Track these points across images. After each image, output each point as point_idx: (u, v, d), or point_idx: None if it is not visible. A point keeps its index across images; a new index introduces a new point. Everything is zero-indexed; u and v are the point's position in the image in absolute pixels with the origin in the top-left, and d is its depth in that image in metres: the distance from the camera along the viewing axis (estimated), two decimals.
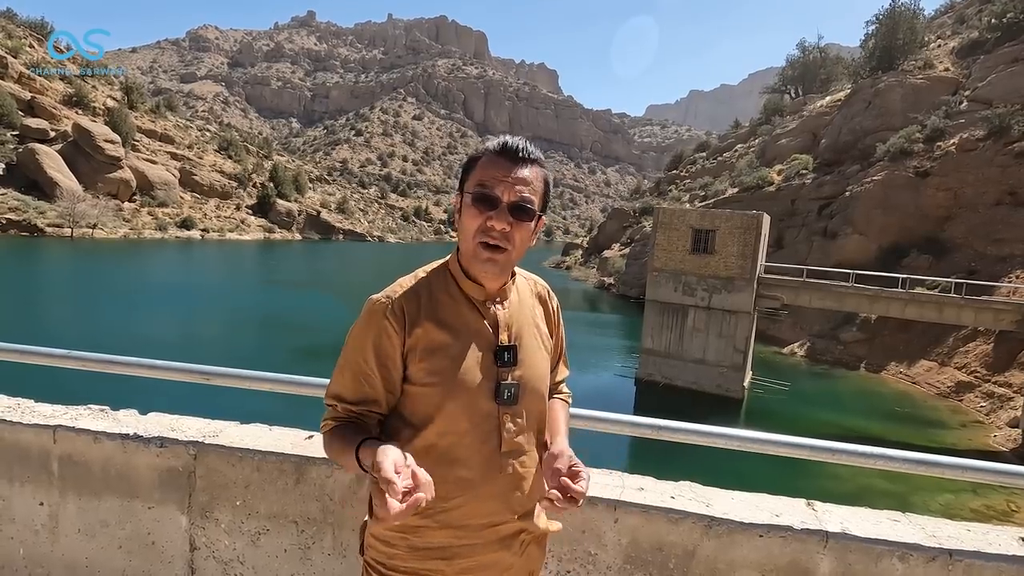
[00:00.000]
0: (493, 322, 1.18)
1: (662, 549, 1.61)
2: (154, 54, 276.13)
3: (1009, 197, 28.93)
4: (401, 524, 1.13)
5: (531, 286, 1.32)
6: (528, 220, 1.13)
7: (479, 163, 1.14)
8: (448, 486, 1.11)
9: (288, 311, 32.80)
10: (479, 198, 1.11)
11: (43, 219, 56.12)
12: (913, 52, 44.27)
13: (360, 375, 1.14)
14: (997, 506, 14.29)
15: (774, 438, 1.66)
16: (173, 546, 1.86)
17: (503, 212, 1.10)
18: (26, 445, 1.92)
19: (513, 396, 1.16)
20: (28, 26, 76.30)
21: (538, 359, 1.23)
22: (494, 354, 1.16)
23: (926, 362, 25.68)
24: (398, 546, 1.15)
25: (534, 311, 1.28)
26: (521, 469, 1.18)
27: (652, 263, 23.67)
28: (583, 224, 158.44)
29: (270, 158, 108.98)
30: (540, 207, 1.16)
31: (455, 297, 1.18)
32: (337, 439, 1.14)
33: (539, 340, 1.26)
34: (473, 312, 1.17)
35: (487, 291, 1.19)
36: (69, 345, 2.21)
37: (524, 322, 1.23)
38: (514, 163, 1.12)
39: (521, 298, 1.25)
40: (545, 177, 1.16)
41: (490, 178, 1.11)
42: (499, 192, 1.10)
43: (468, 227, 1.13)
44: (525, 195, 1.11)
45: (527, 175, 1.13)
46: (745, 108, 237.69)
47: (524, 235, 1.14)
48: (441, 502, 1.11)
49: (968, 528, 1.64)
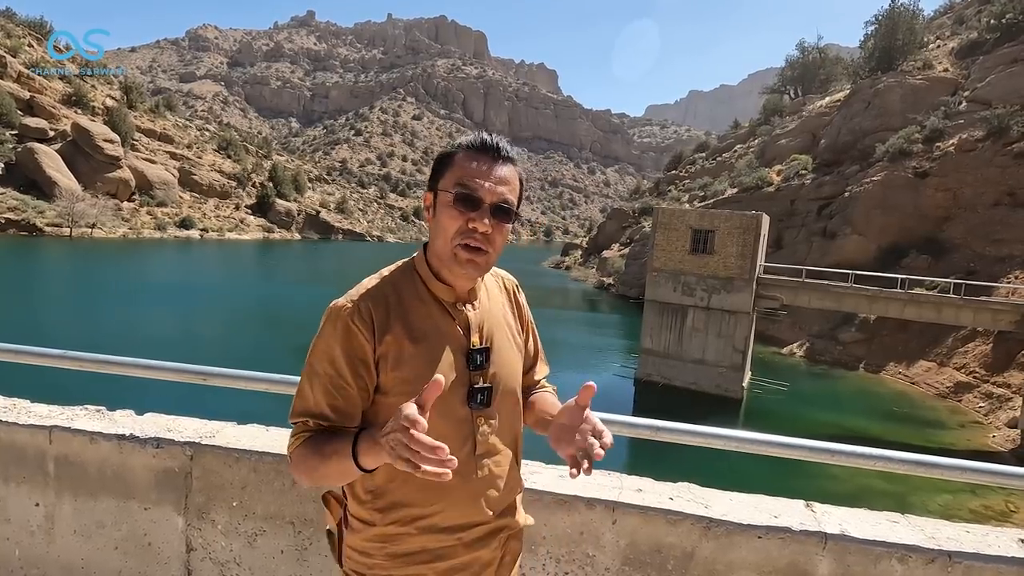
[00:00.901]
0: (464, 324, 1.14)
1: (660, 551, 1.60)
2: (153, 53, 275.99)
3: (1008, 198, 28.96)
4: (378, 533, 1.11)
5: (498, 282, 1.28)
6: (508, 221, 1.10)
7: (456, 159, 1.09)
8: (426, 492, 1.09)
9: (286, 311, 32.76)
10: (460, 198, 1.06)
11: (42, 219, 56.09)
12: (912, 53, 44.32)
13: (333, 387, 1.07)
14: (996, 507, 14.30)
15: (773, 439, 1.66)
16: (169, 547, 1.85)
17: (485, 213, 1.06)
18: (22, 445, 1.91)
19: (487, 399, 1.13)
20: (27, 25, 76.23)
21: (511, 358, 1.21)
22: (466, 357, 1.12)
23: (925, 362, 25.70)
24: (376, 555, 1.12)
25: (504, 308, 1.25)
26: (496, 469, 1.16)
27: (651, 263, 23.68)
28: (582, 224, 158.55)
29: (269, 158, 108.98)
30: (516, 206, 1.13)
31: (424, 300, 1.14)
32: (315, 446, 1.04)
33: (511, 339, 1.23)
34: (443, 315, 1.13)
35: (457, 293, 1.15)
36: (66, 345, 2.20)
37: (495, 322, 1.20)
38: (494, 161, 1.08)
39: (490, 296, 1.23)
40: (520, 175, 1.14)
41: (470, 177, 1.06)
42: (481, 193, 1.06)
43: (447, 228, 1.07)
44: (507, 196, 1.08)
45: (506, 174, 1.09)
46: (744, 108, 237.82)
47: (503, 236, 1.11)
48: (420, 508, 1.10)
49: (967, 529, 1.64)
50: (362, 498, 1.13)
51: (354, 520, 1.15)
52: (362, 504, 1.13)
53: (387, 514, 1.10)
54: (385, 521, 1.10)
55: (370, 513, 1.12)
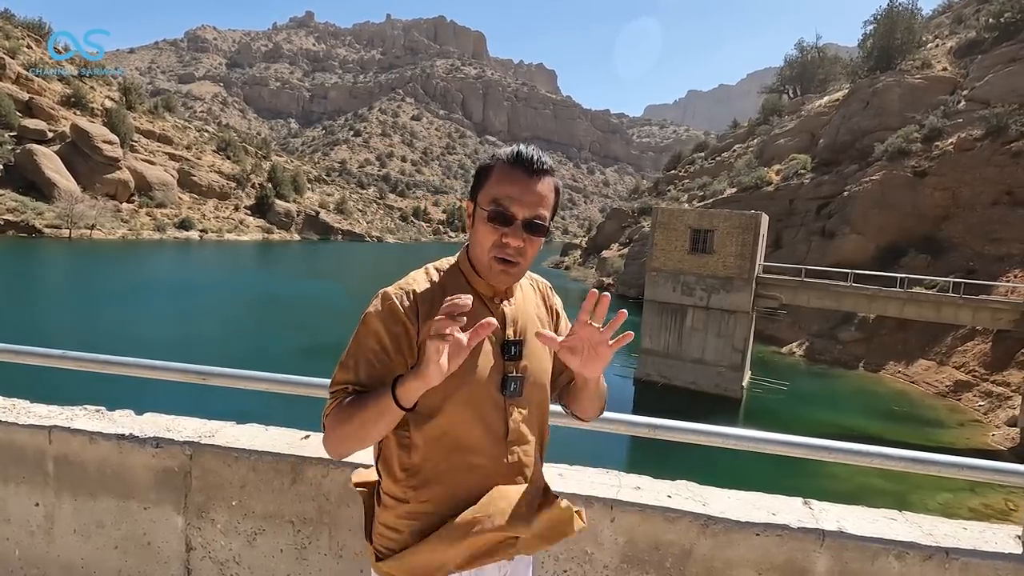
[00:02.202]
0: (500, 318, 1.22)
1: (659, 548, 1.61)
2: (152, 54, 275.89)
3: (1007, 196, 28.99)
4: (411, 511, 1.17)
5: (532, 284, 1.36)
6: (541, 235, 1.17)
7: (494, 173, 1.16)
8: (461, 473, 1.16)
9: (285, 311, 32.75)
10: (495, 216, 1.13)
11: (41, 220, 56.02)
12: (911, 52, 44.36)
13: (376, 360, 1.13)
14: (995, 505, 14.31)
15: (771, 437, 1.66)
16: (169, 547, 1.86)
17: (518, 230, 1.14)
18: (21, 446, 1.91)
19: (519, 388, 1.21)
20: (26, 26, 76.13)
21: (541, 353, 1.27)
22: (501, 348, 1.20)
23: (924, 361, 25.72)
24: (404, 532, 1.17)
25: (538, 308, 1.33)
26: (524, 457, 1.23)
27: (651, 263, 23.68)
28: (582, 224, 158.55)
29: (268, 159, 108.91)
30: (551, 218, 1.20)
31: (466, 293, 1.19)
32: (353, 402, 1.10)
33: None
34: (482, 308, 1.20)
35: (496, 289, 1.23)
36: (66, 346, 2.21)
37: (528, 318, 1.27)
38: (529, 177, 1.14)
39: (525, 296, 1.30)
40: (556, 185, 1.20)
41: (505, 196, 1.13)
42: (515, 211, 1.13)
43: (483, 241, 1.16)
44: (540, 212, 1.15)
45: (541, 190, 1.15)
46: (743, 108, 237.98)
47: (536, 248, 1.18)
48: (455, 488, 1.16)
49: (965, 527, 1.64)
50: (398, 476, 1.18)
51: (387, 497, 1.21)
52: (397, 482, 1.18)
53: (420, 491, 1.16)
54: (419, 499, 1.16)
55: (404, 491, 1.17)
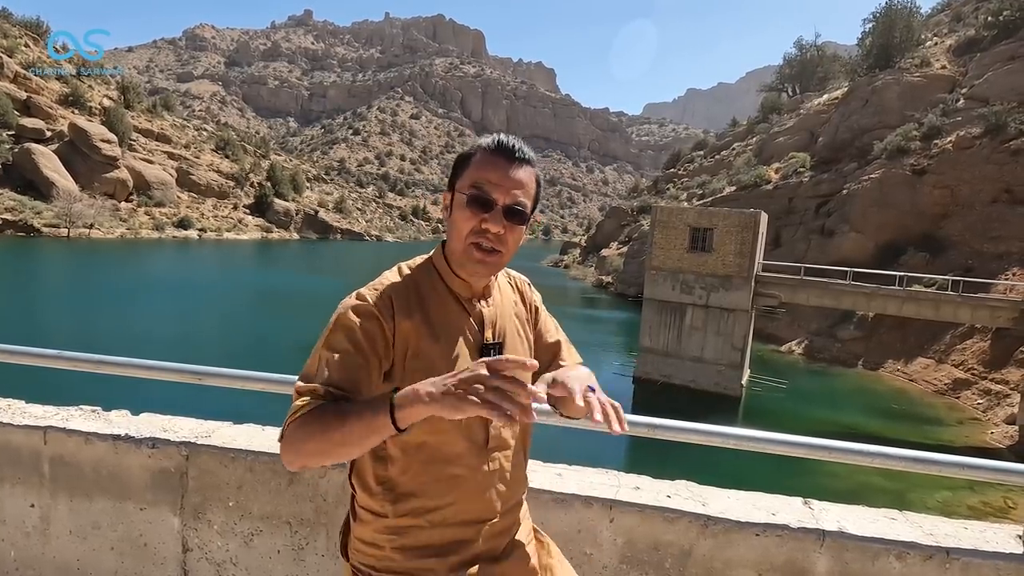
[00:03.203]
0: (478, 319, 1.18)
1: (658, 548, 1.60)
2: (151, 53, 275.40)
3: (1006, 195, 29.01)
4: (390, 525, 1.12)
5: (510, 281, 1.32)
6: (522, 223, 1.12)
7: (473, 161, 1.12)
8: (441, 484, 1.11)
9: (284, 310, 32.75)
10: (474, 200, 1.09)
11: (39, 219, 55.90)
12: (910, 50, 44.37)
13: (349, 360, 1.04)
14: (995, 503, 14.33)
15: (771, 436, 1.65)
16: (165, 547, 1.85)
17: (498, 215, 1.09)
18: (16, 446, 1.90)
19: None
20: (24, 25, 75.88)
21: (521, 354, 1.22)
22: (479, 351, 1.15)
23: (923, 359, 25.76)
24: (385, 548, 1.12)
25: (516, 306, 1.28)
26: (505, 463, 1.18)
27: (650, 262, 23.69)
28: (581, 223, 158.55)
29: (267, 157, 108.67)
30: (532, 208, 1.15)
31: (441, 294, 1.16)
32: (328, 409, 0.98)
33: (522, 336, 1.26)
34: (459, 309, 1.16)
35: (472, 289, 1.18)
36: (64, 345, 2.19)
37: (507, 318, 1.23)
38: (509, 163, 1.10)
39: (503, 294, 1.26)
40: (537, 177, 1.15)
41: (485, 179, 1.09)
42: (496, 195, 1.08)
43: (461, 227, 1.11)
44: (520, 199, 1.11)
45: (522, 177, 1.11)
46: (743, 106, 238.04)
47: (517, 237, 1.13)
48: (432, 500, 1.11)
49: (965, 526, 1.64)
50: (373, 489, 1.13)
51: (363, 512, 1.15)
52: (373, 496, 1.13)
53: (399, 505, 1.11)
54: (397, 513, 1.11)
55: (381, 504, 1.12)
